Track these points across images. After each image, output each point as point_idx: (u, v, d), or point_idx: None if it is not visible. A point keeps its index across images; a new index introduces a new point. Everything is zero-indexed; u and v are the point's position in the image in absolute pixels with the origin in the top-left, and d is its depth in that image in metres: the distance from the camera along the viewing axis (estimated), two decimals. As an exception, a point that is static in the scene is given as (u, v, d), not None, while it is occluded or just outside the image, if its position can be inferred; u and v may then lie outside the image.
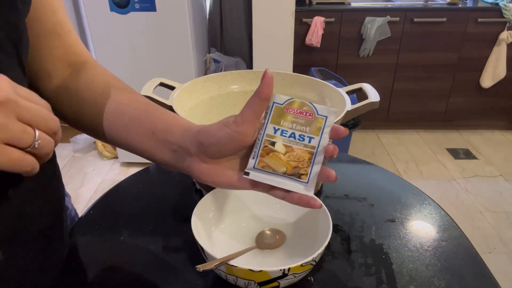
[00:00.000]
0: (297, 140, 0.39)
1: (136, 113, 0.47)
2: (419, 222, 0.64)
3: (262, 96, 0.37)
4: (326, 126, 0.39)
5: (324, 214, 0.51)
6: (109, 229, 0.62)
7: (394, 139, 2.78)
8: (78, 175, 2.35)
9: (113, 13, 1.94)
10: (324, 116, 0.39)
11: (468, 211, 2.06)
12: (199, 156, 0.41)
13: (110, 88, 0.49)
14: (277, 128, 0.39)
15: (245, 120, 0.38)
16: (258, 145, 0.39)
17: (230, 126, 0.38)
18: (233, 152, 0.40)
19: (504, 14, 2.42)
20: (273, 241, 0.54)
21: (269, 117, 0.39)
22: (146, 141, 0.45)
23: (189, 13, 1.95)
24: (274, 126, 0.39)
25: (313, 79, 0.74)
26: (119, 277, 0.53)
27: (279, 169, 0.38)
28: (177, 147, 0.43)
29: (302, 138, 0.39)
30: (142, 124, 0.46)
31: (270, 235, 0.55)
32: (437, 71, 2.63)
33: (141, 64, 2.06)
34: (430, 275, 0.53)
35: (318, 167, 0.38)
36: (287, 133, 0.39)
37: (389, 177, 0.77)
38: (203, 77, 0.74)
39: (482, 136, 2.82)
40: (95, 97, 0.48)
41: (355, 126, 2.10)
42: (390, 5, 2.57)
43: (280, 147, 0.38)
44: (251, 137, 0.39)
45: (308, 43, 2.48)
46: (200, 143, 0.40)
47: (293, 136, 0.39)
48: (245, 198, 0.59)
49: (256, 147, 0.39)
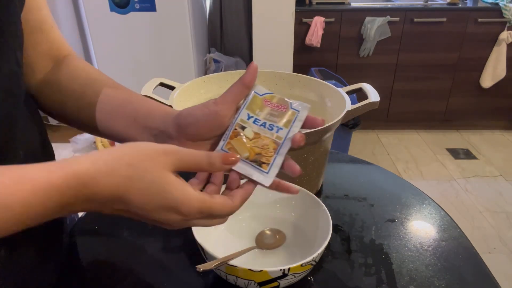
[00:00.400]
0: (266, 129, 0.40)
1: (118, 102, 0.48)
2: (419, 222, 0.64)
3: (245, 82, 0.40)
4: (297, 120, 0.40)
5: (324, 214, 0.51)
6: (109, 229, 0.62)
7: (394, 139, 2.78)
8: (78, 175, 2.34)
9: (113, 13, 1.94)
10: (297, 111, 0.40)
11: (468, 211, 2.06)
12: (179, 139, 0.42)
13: (92, 80, 0.50)
14: (251, 115, 0.40)
15: (224, 101, 0.40)
16: (230, 129, 0.40)
17: (209, 106, 0.40)
18: (211, 134, 0.42)
19: (504, 14, 2.42)
20: (273, 241, 0.54)
21: (246, 103, 0.41)
22: (128, 128, 0.47)
23: (189, 13, 1.95)
24: (249, 113, 0.40)
25: (313, 79, 0.74)
26: (119, 277, 0.53)
27: (243, 153, 0.39)
28: (158, 132, 0.44)
29: (271, 128, 0.40)
30: (125, 112, 0.47)
31: (270, 235, 0.55)
32: (437, 71, 2.63)
33: (141, 64, 2.06)
34: (430, 275, 0.53)
35: (281, 159, 0.39)
36: (259, 122, 0.40)
37: (389, 177, 0.77)
38: (203, 77, 0.74)
39: (482, 136, 2.82)
40: (77, 88, 0.49)
41: (355, 126, 2.10)
42: (390, 5, 2.57)
43: (249, 133, 0.40)
44: (227, 118, 0.41)
45: (308, 43, 2.48)
46: (179, 125, 0.42)
47: (264, 125, 0.40)
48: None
49: (228, 130, 0.40)
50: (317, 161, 0.64)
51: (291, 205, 0.58)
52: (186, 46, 2.02)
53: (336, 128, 0.63)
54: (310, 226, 0.54)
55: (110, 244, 0.59)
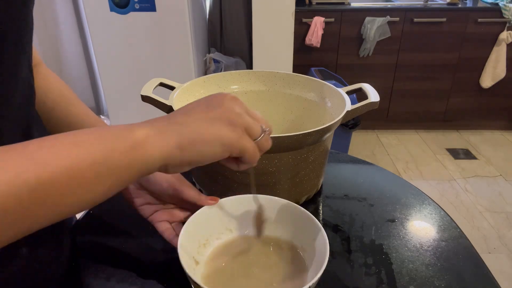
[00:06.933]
0: None
1: (84, 125, 0.51)
2: (419, 222, 0.64)
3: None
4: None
5: (322, 238, 0.45)
6: (109, 229, 0.62)
7: (394, 139, 2.78)
8: (78, 175, 2.34)
9: (113, 13, 1.94)
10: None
11: (468, 211, 2.06)
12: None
13: (62, 97, 0.52)
14: None
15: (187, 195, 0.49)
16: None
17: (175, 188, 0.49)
18: (164, 201, 0.50)
19: (504, 14, 2.42)
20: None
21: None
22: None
23: (189, 13, 1.95)
24: None
25: (313, 79, 0.74)
26: (119, 277, 0.53)
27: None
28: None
29: None
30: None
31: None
32: (437, 71, 2.63)
33: (141, 64, 2.06)
34: (430, 275, 0.53)
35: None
36: None
37: (389, 177, 0.77)
38: (203, 77, 0.74)
39: (482, 136, 2.82)
40: (46, 102, 0.50)
41: (355, 126, 2.10)
42: (390, 5, 2.57)
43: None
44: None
45: (308, 43, 2.48)
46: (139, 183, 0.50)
47: None
48: (233, 217, 0.52)
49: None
50: (317, 161, 0.64)
51: (285, 223, 0.51)
52: (186, 46, 2.02)
53: (336, 128, 0.63)
54: (306, 244, 0.48)
55: (110, 245, 0.59)
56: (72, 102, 0.52)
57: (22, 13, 0.38)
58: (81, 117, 0.52)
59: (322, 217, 0.65)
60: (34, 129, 0.43)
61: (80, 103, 0.53)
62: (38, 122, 0.47)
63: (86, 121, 0.52)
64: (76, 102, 0.53)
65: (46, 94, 0.50)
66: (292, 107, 0.77)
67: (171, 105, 0.63)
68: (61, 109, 0.51)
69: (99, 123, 0.54)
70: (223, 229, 0.50)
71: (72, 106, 0.52)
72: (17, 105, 0.39)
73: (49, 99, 0.50)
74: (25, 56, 0.41)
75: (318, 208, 0.68)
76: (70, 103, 0.52)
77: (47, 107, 0.50)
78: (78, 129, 0.51)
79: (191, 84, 0.72)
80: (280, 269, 0.46)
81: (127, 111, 2.16)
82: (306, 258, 0.47)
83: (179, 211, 0.52)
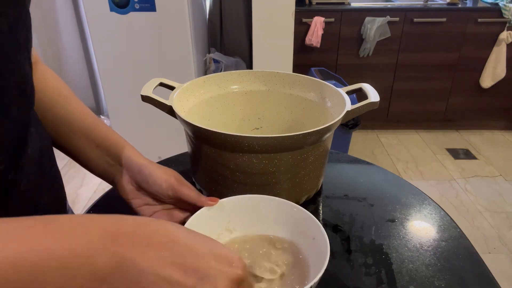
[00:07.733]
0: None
1: (84, 124, 0.52)
2: (419, 222, 0.64)
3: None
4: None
5: (322, 238, 0.45)
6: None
7: (394, 139, 2.78)
8: (77, 175, 2.34)
9: (113, 13, 1.93)
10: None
11: (468, 211, 2.06)
12: (130, 179, 0.50)
13: (60, 95, 0.52)
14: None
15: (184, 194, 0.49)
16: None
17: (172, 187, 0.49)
18: (164, 202, 0.51)
19: (504, 14, 2.42)
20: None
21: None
22: (88, 151, 0.51)
23: (189, 13, 1.95)
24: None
25: (313, 79, 0.74)
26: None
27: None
28: (116, 163, 0.51)
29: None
30: (89, 136, 0.51)
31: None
32: (437, 71, 2.63)
33: (141, 64, 2.06)
34: (430, 275, 0.53)
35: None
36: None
37: (389, 177, 0.77)
38: (203, 77, 0.74)
39: (482, 136, 2.82)
40: (44, 100, 0.50)
41: (355, 126, 2.10)
42: (390, 5, 2.57)
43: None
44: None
45: (308, 43, 2.48)
46: (136, 180, 0.50)
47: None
48: (235, 216, 0.52)
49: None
50: (317, 161, 0.63)
51: (286, 224, 0.51)
52: (186, 46, 2.02)
53: (336, 128, 0.63)
54: (306, 244, 0.48)
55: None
56: (69, 101, 0.52)
57: (18, 12, 0.37)
58: (78, 115, 0.52)
59: (322, 217, 0.65)
60: (33, 129, 0.43)
61: (78, 101, 0.53)
62: (37, 122, 0.46)
63: (83, 119, 0.52)
64: (74, 101, 0.52)
65: (44, 92, 0.50)
66: (292, 107, 0.77)
67: (171, 105, 0.63)
68: (59, 107, 0.50)
69: (96, 121, 0.53)
70: (222, 229, 0.50)
71: (70, 104, 0.51)
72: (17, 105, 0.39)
73: (47, 97, 0.50)
74: (25, 56, 0.40)
75: (318, 208, 0.68)
76: (68, 101, 0.51)
77: (44, 105, 0.49)
78: (76, 127, 0.51)
79: (191, 84, 0.72)
80: (281, 269, 0.46)
81: (127, 111, 2.16)
82: (307, 258, 0.47)
83: (179, 212, 0.52)
